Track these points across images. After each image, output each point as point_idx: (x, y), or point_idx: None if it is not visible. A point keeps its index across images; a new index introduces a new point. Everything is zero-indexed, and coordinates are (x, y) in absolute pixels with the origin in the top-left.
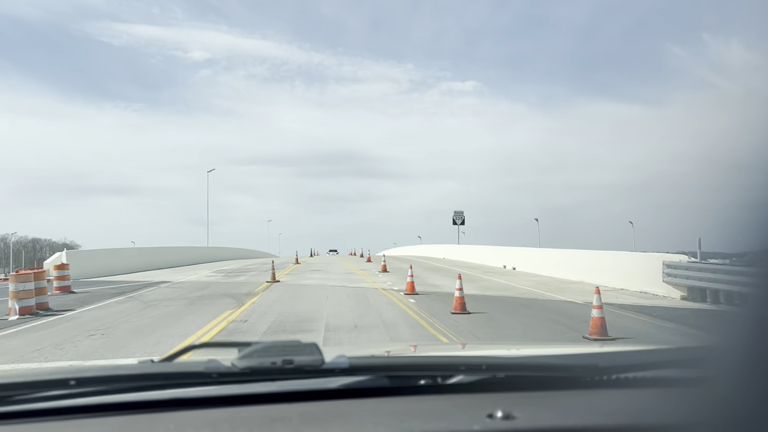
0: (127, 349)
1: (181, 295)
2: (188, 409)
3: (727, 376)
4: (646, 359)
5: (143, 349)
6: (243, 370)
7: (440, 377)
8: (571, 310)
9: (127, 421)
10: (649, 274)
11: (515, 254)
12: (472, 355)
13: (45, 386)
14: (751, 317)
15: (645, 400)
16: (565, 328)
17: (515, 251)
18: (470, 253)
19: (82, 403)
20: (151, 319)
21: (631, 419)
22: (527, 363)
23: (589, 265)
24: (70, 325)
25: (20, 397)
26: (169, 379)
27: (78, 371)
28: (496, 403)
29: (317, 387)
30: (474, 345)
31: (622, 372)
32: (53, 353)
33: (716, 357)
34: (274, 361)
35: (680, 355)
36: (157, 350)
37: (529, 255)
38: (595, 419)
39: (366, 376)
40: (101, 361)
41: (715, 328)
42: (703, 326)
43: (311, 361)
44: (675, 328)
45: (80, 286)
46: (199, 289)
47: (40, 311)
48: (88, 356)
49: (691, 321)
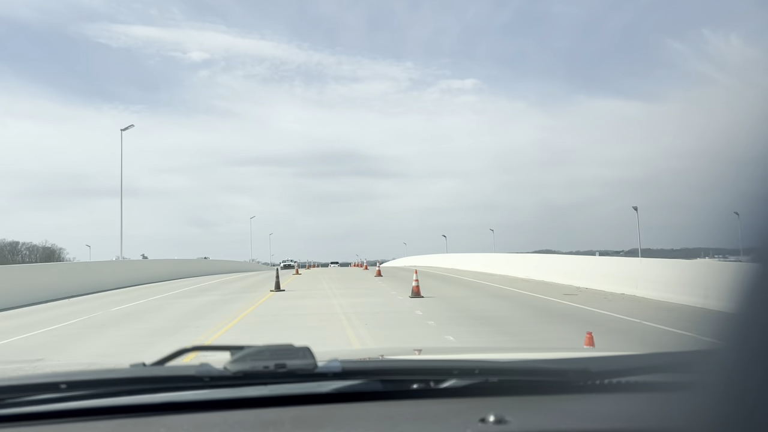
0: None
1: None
2: (180, 413)
3: (718, 380)
4: (637, 364)
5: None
6: (235, 373)
7: (433, 381)
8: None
9: (118, 424)
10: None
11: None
12: (465, 359)
13: (36, 390)
14: (744, 320)
15: (637, 404)
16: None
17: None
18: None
19: (73, 406)
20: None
21: (623, 423)
22: (520, 367)
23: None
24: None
25: (11, 400)
26: (160, 383)
27: (69, 375)
28: (488, 407)
29: (310, 391)
30: (467, 349)
31: (614, 376)
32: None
33: (707, 361)
34: (267, 365)
35: (672, 360)
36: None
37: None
38: (587, 423)
39: (359, 380)
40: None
41: (708, 331)
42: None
43: (304, 365)
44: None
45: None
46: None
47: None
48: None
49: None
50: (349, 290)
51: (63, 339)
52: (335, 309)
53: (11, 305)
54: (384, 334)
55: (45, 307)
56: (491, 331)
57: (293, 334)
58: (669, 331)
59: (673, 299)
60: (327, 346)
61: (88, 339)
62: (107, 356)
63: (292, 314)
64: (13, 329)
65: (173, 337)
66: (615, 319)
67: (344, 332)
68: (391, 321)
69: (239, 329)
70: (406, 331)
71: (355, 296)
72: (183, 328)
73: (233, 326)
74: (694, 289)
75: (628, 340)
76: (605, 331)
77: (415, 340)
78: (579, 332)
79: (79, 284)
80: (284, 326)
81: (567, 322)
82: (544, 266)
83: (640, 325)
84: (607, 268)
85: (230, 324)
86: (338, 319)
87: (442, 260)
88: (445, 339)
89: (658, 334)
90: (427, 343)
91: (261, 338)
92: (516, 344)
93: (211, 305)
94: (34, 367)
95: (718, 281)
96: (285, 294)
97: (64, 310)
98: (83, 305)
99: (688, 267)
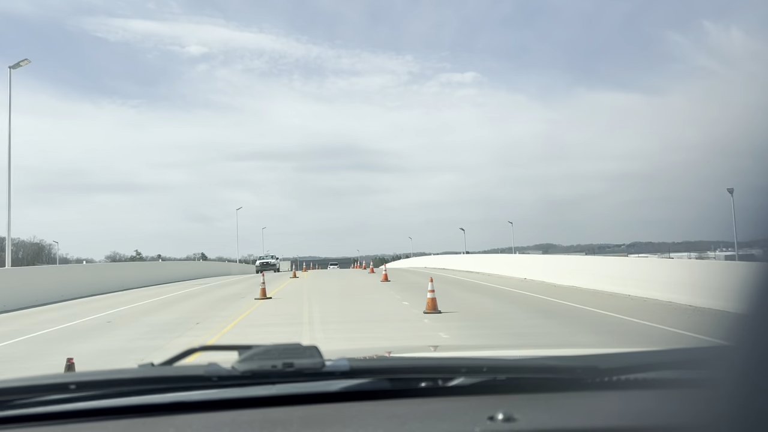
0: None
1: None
2: (189, 413)
3: (728, 377)
4: (646, 361)
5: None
6: (243, 373)
7: (441, 379)
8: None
9: (127, 425)
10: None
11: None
12: (473, 357)
13: (45, 390)
14: (754, 317)
15: (646, 401)
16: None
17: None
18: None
19: (82, 407)
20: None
21: (632, 421)
22: (528, 365)
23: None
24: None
25: (20, 401)
26: (169, 383)
27: (78, 375)
28: (496, 405)
29: (318, 390)
30: (475, 347)
31: (622, 373)
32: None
33: (717, 358)
34: (275, 365)
35: (681, 356)
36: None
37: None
38: (596, 421)
39: (367, 379)
40: (101, 366)
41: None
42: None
43: (312, 364)
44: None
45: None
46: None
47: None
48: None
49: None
50: (354, 326)
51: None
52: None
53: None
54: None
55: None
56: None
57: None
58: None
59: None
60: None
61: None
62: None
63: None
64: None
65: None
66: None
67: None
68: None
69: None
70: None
71: (363, 337)
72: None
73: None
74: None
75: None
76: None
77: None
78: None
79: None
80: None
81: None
82: (588, 269)
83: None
84: (679, 272)
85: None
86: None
87: (452, 261)
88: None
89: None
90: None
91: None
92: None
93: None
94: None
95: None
96: (258, 321)
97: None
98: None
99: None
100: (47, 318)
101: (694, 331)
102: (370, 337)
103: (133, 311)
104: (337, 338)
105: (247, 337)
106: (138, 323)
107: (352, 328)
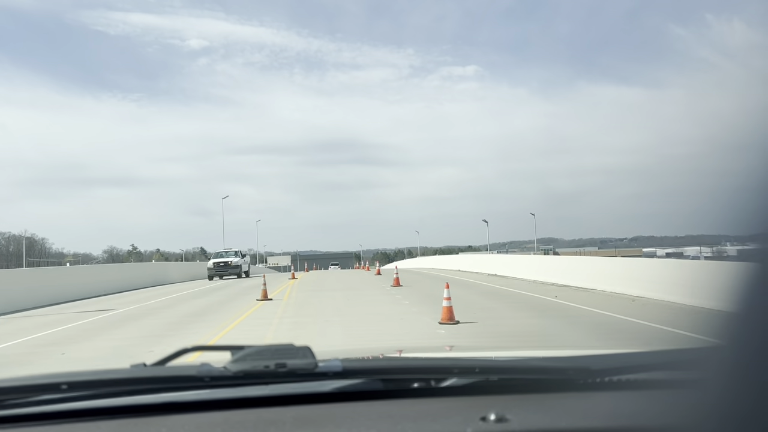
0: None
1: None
2: (181, 413)
3: (719, 377)
4: (638, 361)
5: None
6: (236, 373)
7: (433, 380)
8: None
9: (119, 425)
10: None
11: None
12: (466, 358)
13: (37, 390)
14: (745, 317)
15: (638, 402)
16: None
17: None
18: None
19: (74, 407)
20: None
21: (624, 421)
22: (520, 366)
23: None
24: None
25: (12, 401)
26: (161, 383)
27: (70, 375)
28: (489, 405)
29: (310, 390)
30: (467, 348)
31: (614, 374)
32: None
33: (707, 358)
34: (267, 365)
35: (672, 357)
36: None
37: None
38: (588, 421)
39: (359, 379)
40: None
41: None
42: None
43: (304, 364)
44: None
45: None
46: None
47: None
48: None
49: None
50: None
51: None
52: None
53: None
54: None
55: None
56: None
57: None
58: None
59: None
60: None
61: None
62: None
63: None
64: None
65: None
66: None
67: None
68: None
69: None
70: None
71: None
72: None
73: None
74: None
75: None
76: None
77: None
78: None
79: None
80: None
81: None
82: (628, 273)
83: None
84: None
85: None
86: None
87: (464, 262)
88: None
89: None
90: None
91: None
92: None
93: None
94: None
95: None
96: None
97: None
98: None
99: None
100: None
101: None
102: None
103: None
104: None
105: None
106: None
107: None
